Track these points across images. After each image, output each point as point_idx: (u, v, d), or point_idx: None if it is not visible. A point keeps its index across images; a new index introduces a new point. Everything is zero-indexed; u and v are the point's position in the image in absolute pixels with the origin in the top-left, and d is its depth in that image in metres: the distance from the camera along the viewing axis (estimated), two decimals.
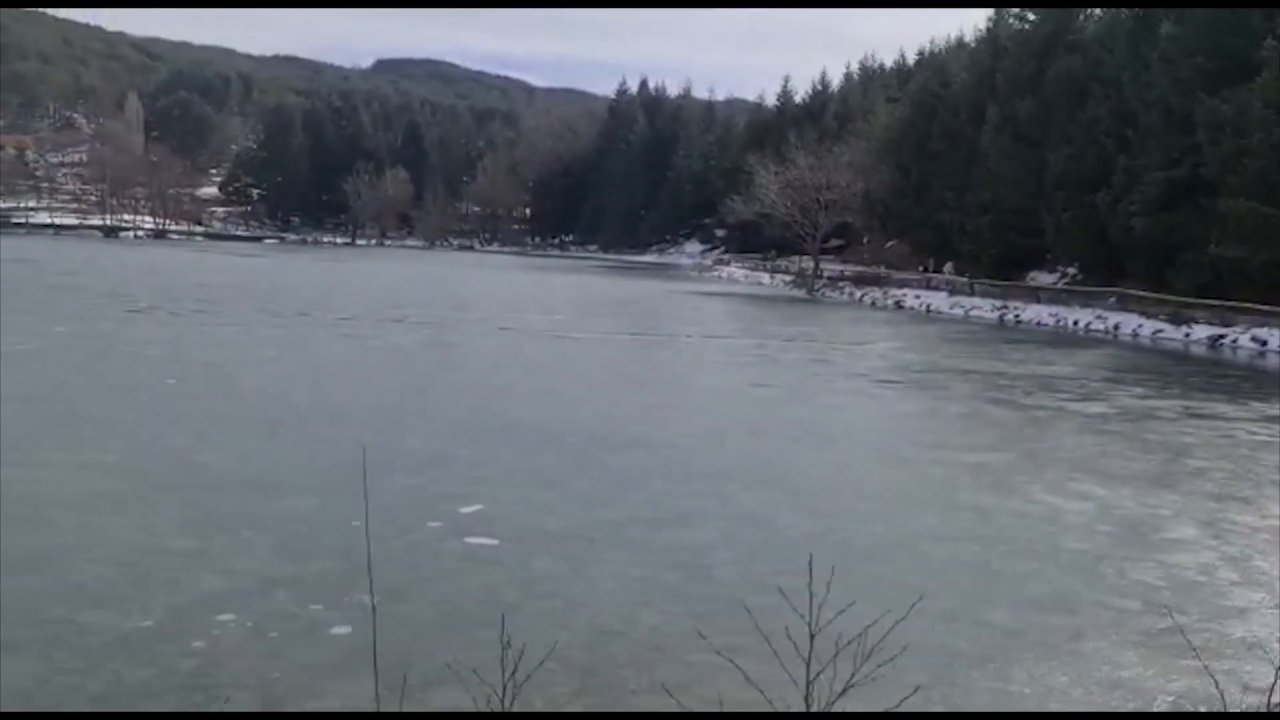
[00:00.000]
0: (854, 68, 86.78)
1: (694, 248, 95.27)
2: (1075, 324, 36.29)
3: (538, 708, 4.85)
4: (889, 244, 59.56)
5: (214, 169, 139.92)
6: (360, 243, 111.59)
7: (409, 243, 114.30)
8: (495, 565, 7.39)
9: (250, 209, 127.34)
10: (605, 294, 46.45)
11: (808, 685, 3.09)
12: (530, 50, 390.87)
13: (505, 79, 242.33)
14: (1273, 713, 5.41)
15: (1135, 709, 5.55)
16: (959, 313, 41.42)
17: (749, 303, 45.43)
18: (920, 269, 52.07)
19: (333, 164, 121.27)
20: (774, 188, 58.12)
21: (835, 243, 62.44)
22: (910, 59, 76.08)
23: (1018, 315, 39.17)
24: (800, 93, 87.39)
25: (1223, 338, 30.74)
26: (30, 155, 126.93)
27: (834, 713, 3.10)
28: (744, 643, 4.78)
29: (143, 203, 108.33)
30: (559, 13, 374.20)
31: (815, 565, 7.18)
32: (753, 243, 73.32)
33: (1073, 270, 43.95)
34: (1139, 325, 33.93)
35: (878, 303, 47.06)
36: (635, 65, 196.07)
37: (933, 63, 64.64)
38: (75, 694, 5.22)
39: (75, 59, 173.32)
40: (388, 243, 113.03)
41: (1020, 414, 15.95)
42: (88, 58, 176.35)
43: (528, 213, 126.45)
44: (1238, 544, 8.60)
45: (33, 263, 47.60)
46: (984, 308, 41.29)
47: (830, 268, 58.13)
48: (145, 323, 23.87)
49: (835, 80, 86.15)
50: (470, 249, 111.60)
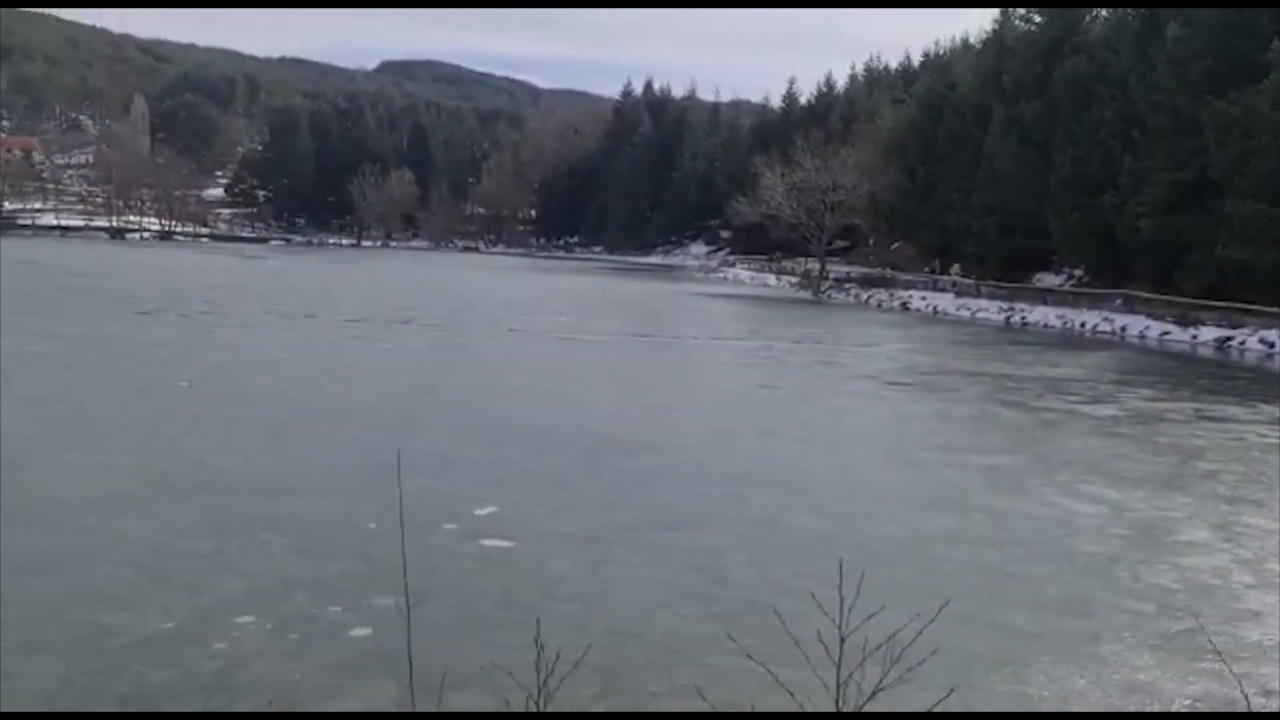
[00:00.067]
0: (859, 69, 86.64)
1: (699, 249, 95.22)
2: (1082, 326, 36.24)
3: (564, 710, 4.88)
4: (894, 245, 59.51)
5: (219, 171, 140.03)
6: (365, 244, 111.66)
7: (414, 244, 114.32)
8: (512, 567, 7.42)
9: (256, 210, 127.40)
10: (611, 295, 46.48)
11: (838, 688, 3.12)
12: (535, 52, 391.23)
13: (510, 80, 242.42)
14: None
15: (1153, 711, 5.57)
16: (965, 314, 41.36)
17: (755, 304, 45.43)
18: (926, 270, 52.02)
19: (338, 165, 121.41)
20: (780, 189, 58.04)
21: (840, 244, 62.34)
22: (915, 61, 75.94)
23: (1024, 317, 39.10)
24: (805, 94, 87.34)
25: (1230, 340, 30.66)
26: (37, 157, 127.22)
27: (864, 713, 3.13)
28: (763, 646, 4.82)
29: (148, 204, 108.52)
30: (564, 14, 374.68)
31: (831, 568, 7.20)
32: (758, 244, 73.28)
33: (1079, 272, 43.89)
34: (1146, 327, 33.86)
35: (884, 304, 47.02)
36: (640, 66, 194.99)
37: (938, 64, 64.54)
38: (99, 696, 5.25)
39: (81, 61, 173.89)
40: (393, 244, 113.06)
41: (1030, 416, 15.95)
42: (94, 60, 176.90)
43: (532, 214, 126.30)
44: (1251, 547, 8.61)
45: (40, 264, 47.78)
46: (990, 309, 41.21)
47: (836, 269, 58.09)
48: (154, 325, 23.94)
49: (840, 82, 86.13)
50: (475, 250, 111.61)
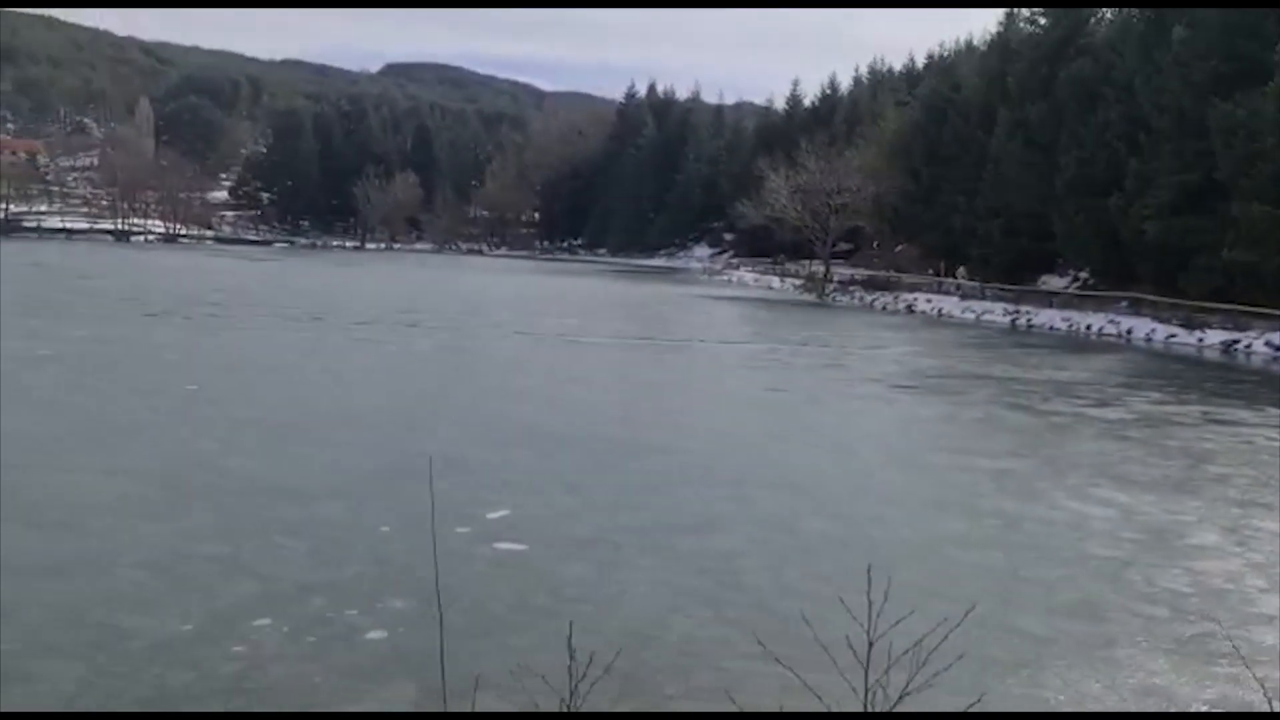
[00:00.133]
0: (863, 71, 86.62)
1: (703, 251, 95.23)
2: (1088, 328, 36.22)
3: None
4: (899, 248, 59.49)
5: (224, 173, 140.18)
6: (370, 247, 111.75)
7: (418, 246, 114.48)
8: (525, 570, 7.44)
9: (260, 213, 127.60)
10: (616, 298, 46.51)
11: (866, 692, 3.14)
12: (538, 54, 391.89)
13: (514, 83, 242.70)
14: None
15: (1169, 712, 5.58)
16: (970, 317, 41.34)
17: (760, 307, 45.44)
18: (930, 272, 52.00)
19: (342, 168, 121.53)
20: (785, 192, 58.03)
21: (844, 247, 62.32)
22: (919, 62, 75.98)
23: (1029, 320, 39.09)
24: (809, 96, 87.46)
25: (1237, 343, 30.62)
26: (42, 159, 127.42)
27: (892, 712, 3.14)
28: (782, 650, 4.82)
29: (153, 207, 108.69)
30: (567, 16, 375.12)
31: (843, 571, 7.26)
32: (761, 247, 73.27)
33: (1084, 275, 43.86)
34: (1152, 330, 33.83)
35: (889, 307, 47.02)
36: (644, 69, 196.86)
37: (942, 66, 64.53)
38: (120, 698, 5.27)
39: (86, 63, 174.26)
40: (397, 246, 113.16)
41: (1038, 419, 15.95)
42: (98, 62, 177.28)
43: (536, 216, 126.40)
44: (1263, 551, 8.61)
45: (47, 266, 47.91)
46: (995, 312, 41.20)
47: (840, 272, 58.06)
48: (162, 327, 23.99)
49: (844, 84, 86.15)
50: (479, 253, 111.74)
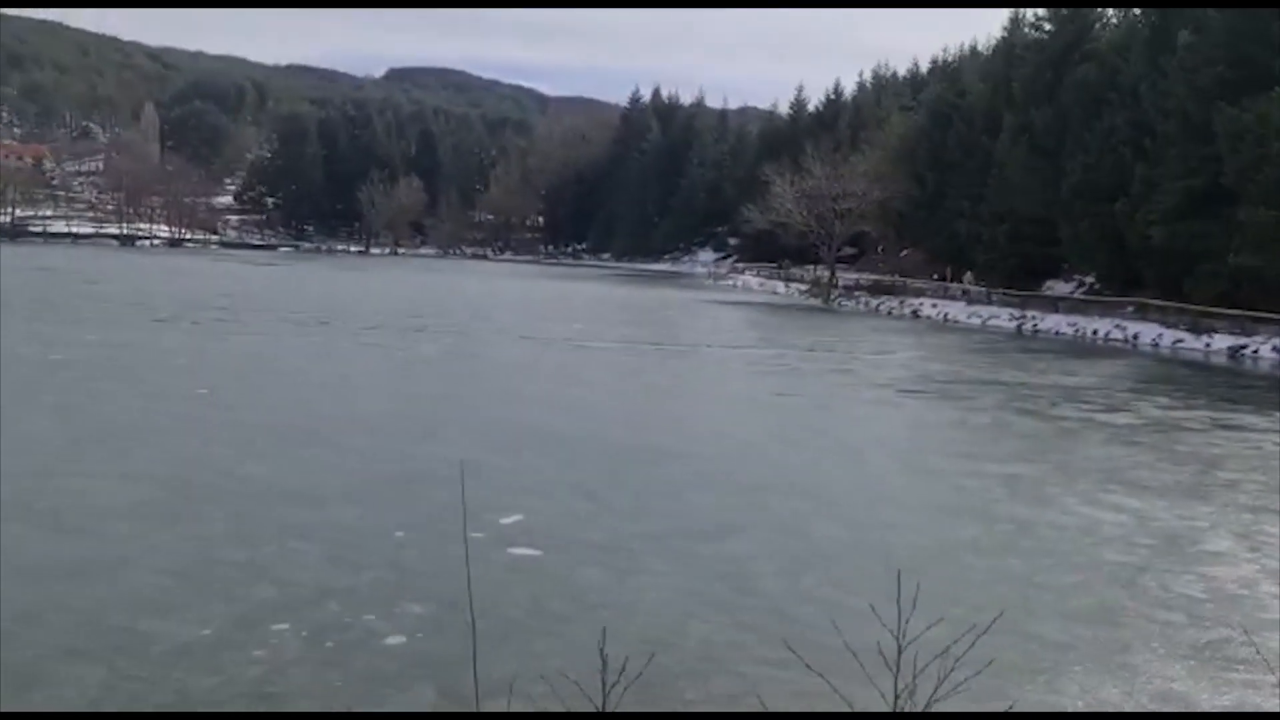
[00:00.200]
0: (867, 76, 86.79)
1: (707, 256, 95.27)
2: (1094, 333, 36.19)
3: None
4: (904, 253, 59.52)
5: (229, 178, 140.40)
6: (374, 251, 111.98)
7: (422, 251, 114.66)
8: (541, 576, 7.47)
9: (265, 218, 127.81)
10: (622, 302, 46.55)
11: (895, 698, 3.17)
12: (542, 59, 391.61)
13: (518, 88, 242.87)
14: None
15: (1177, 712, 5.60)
16: (976, 322, 41.32)
17: (766, 312, 45.47)
18: (935, 277, 52.00)
19: (346, 173, 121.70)
20: (790, 197, 58.08)
21: (849, 251, 62.36)
22: (924, 68, 76.18)
23: (1036, 324, 39.09)
24: (814, 101, 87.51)
25: (1244, 348, 30.58)
26: (47, 164, 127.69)
27: (916, 713, 3.17)
28: (800, 656, 4.84)
29: (158, 211, 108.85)
30: (571, 21, 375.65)
31: (859, 577, 7.29)
32: (766, 251, 73.29)
33: (1089, 280, 43.82)
34: (1159, 335, 33.80)
35: (894, 312, 47.02)
36: (648, 73, 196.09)
37: (947, 71, 64.61)
38: (142, 702, 5.30)
39: (91, 69, 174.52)
40: (401, 251, 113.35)
41: (1048, 424, 15.96)
42: (104, 67, 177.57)
43: (540, 221, 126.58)
44: (1276, 556, 8.62)
45: (54, 271, 48.04)
46: (1001, 317, 41.20)
47: (845, 276, 58.07)
48: (170, 332, 24.04)
49: (849, 89, 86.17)
50: (483, 257, 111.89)
